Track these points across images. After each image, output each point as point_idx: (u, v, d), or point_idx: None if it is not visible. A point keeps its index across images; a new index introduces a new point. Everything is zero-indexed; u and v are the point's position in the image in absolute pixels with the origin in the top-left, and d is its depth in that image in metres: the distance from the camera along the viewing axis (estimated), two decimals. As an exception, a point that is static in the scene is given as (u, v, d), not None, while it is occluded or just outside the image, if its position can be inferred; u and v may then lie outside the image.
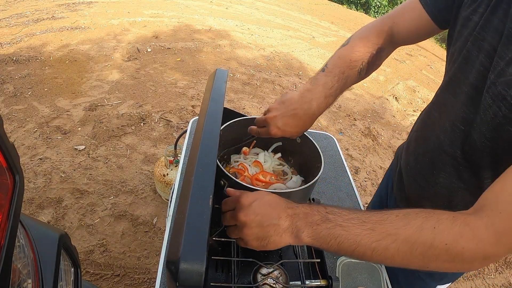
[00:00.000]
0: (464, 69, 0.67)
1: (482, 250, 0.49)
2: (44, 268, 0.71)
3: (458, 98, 0.69)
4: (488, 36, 0.61)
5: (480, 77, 0.63)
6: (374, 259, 0.53)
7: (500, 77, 0.57)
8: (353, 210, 0.56)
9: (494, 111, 0.58)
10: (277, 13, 7.22)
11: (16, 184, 0.59)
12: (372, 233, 0.52)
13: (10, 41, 3.60)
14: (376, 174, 2.90)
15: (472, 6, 0.65)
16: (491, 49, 0.60)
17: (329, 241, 0.53)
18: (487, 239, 0.49)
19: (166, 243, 0.85)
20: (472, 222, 0.50)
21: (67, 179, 2.13)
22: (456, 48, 0.70)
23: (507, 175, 0.53)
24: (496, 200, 0.51)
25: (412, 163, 0.86)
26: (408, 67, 5.75)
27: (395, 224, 0.52)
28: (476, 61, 0.63)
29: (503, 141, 0.59)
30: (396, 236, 0.51)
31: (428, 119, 0.82)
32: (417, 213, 0.53)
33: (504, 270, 2.33)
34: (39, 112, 2.67)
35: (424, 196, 0.83)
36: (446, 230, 0.50)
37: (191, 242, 0.42)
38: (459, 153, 0.71)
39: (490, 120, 0.60)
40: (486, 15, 0.62)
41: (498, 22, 0.59)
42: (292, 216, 0.56)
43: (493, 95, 0.58)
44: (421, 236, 0.50)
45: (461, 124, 0.68)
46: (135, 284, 1.65)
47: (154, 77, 3.46)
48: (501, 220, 0.49)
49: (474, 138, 0.65)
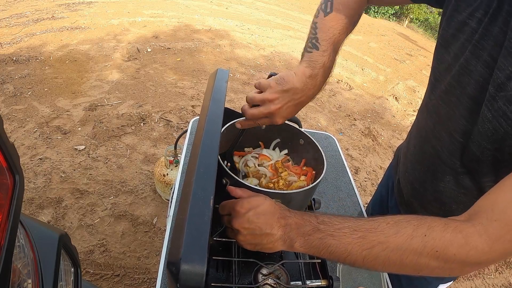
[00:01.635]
0: (462, 80, 0.64)
1: (474, 257, 0.50)
2: (44, 268, 0.71)
3: (455, 110, 0.67)
4: (487, 46, 0.59)
5: (479, 89, 0.61)
6: (366, 267, 0.54)
7: (501, 91, 0.55)
8: (346, 218, 0.56)
9: (495, 126, 0.57)
10: (277, 13, 7.22)
11: (16, 184, 0.58)
12: (362, 241, 0.52)
13: (10, 41, 3.60)
14: (376, 174, 2.90)
15: (467, 9, 0.63)
16: (490, 60, 0.58)
17: (321, 250, 0.54)
18: (480, 246, 0.49)
19: (166, 243, 0.85)
20: (465, 230, 0.50)
21: (67, 179, 2.13)
22: (450, 53, 0.67)
23: (503, 184, 0.53)
24: (491, 208, 0.51)
25: (409, 170, 0.86)
26: (408, 67, 5.75)
27: (385, 232, 0.52)
28: (474, 72, 0.61)
29: (504, 153, 0.58)
30: (386, 244, 0.51)
31: (422, 128, 0.80)
32: (408, 220, 0.53)
33: (504, 270, 2.33)
34: (39, 112, 2.67)
35: (423, 201, 0.83)
36: (437, 237, 0.50)
37: (192, 243, 0.42)
38: (458, 164, 0.70)
39: (491, 135, 0.58)
40: (486, 23, 0.59)
41: (498, 31, 0.57)
42: (285, 226, 0.57)
43: (492, 109, 0.57)
44: (412, 244, 0.51)
45: (460, 136, 0.67)
46: (135, 284, 1.65)
47: (154, 77, 3.46)
48: (495, 228, 0.49)
49: (474, 150, 0.64)
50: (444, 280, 0.92)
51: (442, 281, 0.92)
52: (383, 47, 6.70)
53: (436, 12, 11.30)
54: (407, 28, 10.73)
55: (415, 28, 11.16)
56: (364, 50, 5.93)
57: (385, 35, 7.91)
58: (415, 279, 0.93)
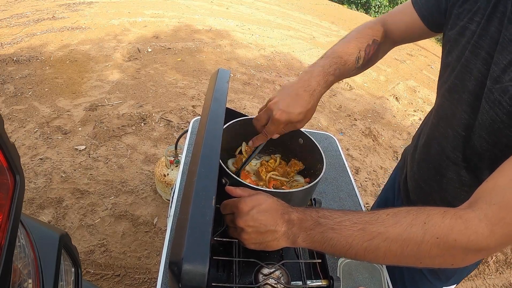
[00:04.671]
0: (463, 77, 0.68)
1: (474, 242, 0.49)
2: (44, 268, 0.71)
3: (458, 106, 0.71)
4: (485, 44, 0.64)
5: (478, 84, 0.65)
6: (367, 259, 0.54)
7: (496, 84, 0.59)
8: (346, 212, 0.57)
9: (492, 117, 0.60)
10: (277, 13, 7.22)
11: (17, 184, 0.58)
12: (363, 233, 0.53)
13: (10, 41, 3.60)
14: (376, 174, 2.90)
15: (468, 15, 0.68)
16: (488, 56, 0.63)
17: (323, 244, 0.55)
18: (480, 231, 0.49)
19: (167, 243, 0.85)
20: (464, 215, 0.51)
21: (68, 179, 2.13)
22: (453, 56, 0.71)
23: (501, 170, 0.54)
24: (489, 193, 0.52)
25: (415, 168, 0.88)
26: (408, 67, 5.75)
27: (385, 223, 0.53)
28: (474, 69, 0.65)
29: (502, 145, 0.60)
30: (386, 234, 0.52)
31: (430, 129, 0.83)
32: (408, 210, 0.54)
33: (505, 270, 2.33)
34: (40, 112, 2.67)
35: (429, 200, 0.84)
36: (437, 224, 0.50)
37: (194, 243, 0.42)
38: (460, 158, 0.72)
39: (488, 125, 0.61)
40: (483, 24, 0.64)
41: (494, 30, 0.62)
42: (288, 222, 0.58)
43: (489, 101, 0.61)
44: (411, 233, 0.51)
45: (462, 130, 0.70)
46: (136, 284, 1.65)
47: (154, 77, 3.46)
48: (494, 212, 0.49)
49: (474, 142, 0.67)
50: (448, 282, 0.92)
51: (446, 283, 0.92)
52: (384, 47, 6.69)
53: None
54: (407, 28, 10.71)
55: (416, 28, 11.14)
56: (364, 50, 5.93)
57: (385, 35, 7.90)
58: (420, 280, 0.93)
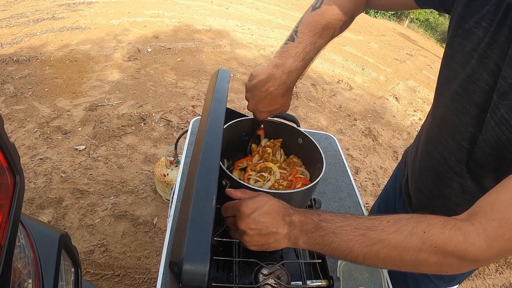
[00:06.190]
0: (468, 88, 0.65)
1: (472, 254, 0.50)
2: (44, 268, 0.71)
3: (462, 117, 0.67)
4: (493, 54, 0.59)
5: (485, 97, 0.61)
6: (366, 263, 0.55)
7: (503, 100, 0.56)
8: (347, 216, 0.57)
9: (498, 134, 0.58)
10: (277, 13, 7.21)
11: (17, 184, 0.58)
12: (363, 238, 0.53)
13: (10, 41, 3.60)
14: (376, 174, 2.90)
15: (473, 17, 0.63)
16: (496, 68, 0.59)
17: (324, 247, 0.56)
18: (478, 244, 0.50)
19: (167, 243, 0.85)
20: (463, 227, 0.51)
21: (68, 179, 2.13)
22: (457, 61, 0.67)
23: (502, 185, 0.54)
24: (490, 208, 0.52)
25: (417, 175, 0.86)
26: (408, 67, 5.75)
27: (386, 230, 0.53)
28: (481, 80, 0.61)
29: (507, 160, 0.59)
30: (386, 242, 0.52)
31: (430, 136, 0.81)
32: (408, 218, 0.54)
33: (505, 270, 2.33)
34: (40, 112, 2.67)
35: (431, 207, 0.84)
36: (436, 234, 0.51)
37: (195, 243, 0.42)
38: (464, 170, 0.71)
39: (494, 142, 0.59)
40: (492, 32, 0.59)
41: (503, 40, 0.58)
42: (289, 224, 0.58)
43: (495, 117, 0.58)
44: (411, 241, 0.51)
45: (466, 143, 0.67)
46: (136, 284, 1.65)
47: (154, 77, 3.46)
48: (493, 228, 0.50)
49: (479, 156, 0.65)
50: (452, 283, 0.92)
51: (449, 284, 0.92)
52: (384, 47, 6.69)
53: (437, 12, 11.30)
54: (407, 28, 10.73)
55: (416, 28, 11.16)
56: (364, 50, 5.93)
57: (385, 35, 7.91)
58: (422, 280, 0.94)
